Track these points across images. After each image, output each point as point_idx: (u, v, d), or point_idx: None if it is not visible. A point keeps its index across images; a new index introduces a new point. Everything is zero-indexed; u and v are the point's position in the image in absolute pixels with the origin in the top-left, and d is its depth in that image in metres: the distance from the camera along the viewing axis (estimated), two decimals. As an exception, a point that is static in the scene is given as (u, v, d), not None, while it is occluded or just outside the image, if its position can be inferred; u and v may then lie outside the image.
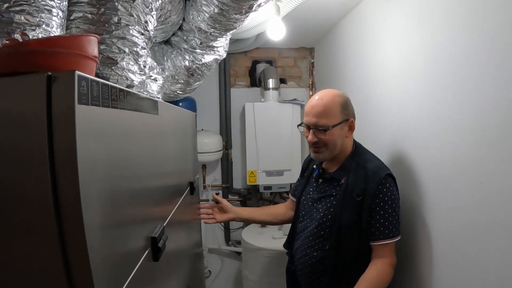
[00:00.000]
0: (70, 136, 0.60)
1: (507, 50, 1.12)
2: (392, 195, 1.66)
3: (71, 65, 0.70)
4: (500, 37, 1.15)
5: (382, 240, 1.65)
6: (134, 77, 1.31)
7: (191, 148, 2.15)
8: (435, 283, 1.58)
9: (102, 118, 0.71)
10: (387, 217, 1.64)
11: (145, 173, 1.04)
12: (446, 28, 1.45)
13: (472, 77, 1.29)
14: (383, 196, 1.65)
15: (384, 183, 1.66)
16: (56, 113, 0.60)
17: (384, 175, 1.67)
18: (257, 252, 3.06)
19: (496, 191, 1.18)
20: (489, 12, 1.19)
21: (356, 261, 1.70)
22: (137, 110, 0.95)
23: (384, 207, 1.65)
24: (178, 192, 1.59)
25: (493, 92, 1.18)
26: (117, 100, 0.77)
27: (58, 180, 0.61)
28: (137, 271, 0.88)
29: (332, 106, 1.72)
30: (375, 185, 1.65)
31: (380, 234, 1.65)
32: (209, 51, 2.19)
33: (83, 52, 0.74)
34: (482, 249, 1.25)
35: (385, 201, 1.65)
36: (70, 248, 0.63)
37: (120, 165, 0.82)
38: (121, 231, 0.81)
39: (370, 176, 1.68)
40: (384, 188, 1.65)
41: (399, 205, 1.69)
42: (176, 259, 1.46)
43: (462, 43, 1.34)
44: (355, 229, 1.68)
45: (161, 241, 1.07)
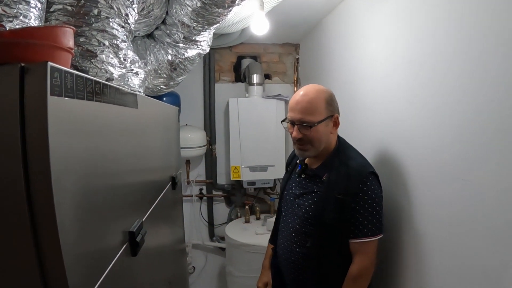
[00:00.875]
0: (42, 128, 0.59)
1: (491, 49, 1.12)
2: (373, 193, 1.64)
3: (45, 57, 0.69)
4: (484, 36, 1.15)
5: (362, 238, 1.64)
6: (114, 70, 1.29)
7: (174, 143, 2.14)
8: (422, 278, 1.59)
9: (77, 110, 0.70)
10: (367, 215, 1.63)
11: (123, 168, 1.03)
12: (431, 25, 1.45)
13: (456, 75, 1.29)
14: (364, 195, 1.63)
15: (365, 181, 1.64)
16: (28, 104, 0.59)
17: (366, 174, 1.66)
18: (240, 248, 3.06)
19: (478, 187, 1.19)
20: (473, 10, 1.20)
21: (339, 258, 1.70)
22: (115, 103, 0.94)
23: (365, 205, 1.63)
24: (159, 187, 1.58)
25: (475, 90, 1.19)
26: (92, 93, 0.76)
27: (30, 173, 0.60)
28: (113, 266, 0.87)
29: (318, 102, 1.68)
30: (356, 184, 1.64)
31: (359, 232, 1.64)
32: (192, 46, 2.17)
33: (58, 44, 0.73)
34: (466, 244, 1.26)
35: (365, 200, 1.63)
36: (43, 243, 0.62)
37: (96, 159, 0.81)
38: (97, 226, 0.80)
39: (352, 175, 1.66)
40: (365, 187, 1.64)
41: (381, 203, 1.68)
42: (157, 255, 1.45)
43: (447, 41, 1.35)
44: (336, 227, 1.67)
45: (139, 236, 1.06)
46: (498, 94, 1.09)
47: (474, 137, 1.20)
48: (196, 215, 3.92)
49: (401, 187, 1.73)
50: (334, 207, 1.66)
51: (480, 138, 1.17)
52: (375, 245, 1.67)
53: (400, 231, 1.75)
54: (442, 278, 1.41)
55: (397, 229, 1.78)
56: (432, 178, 1.47)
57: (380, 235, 1.66)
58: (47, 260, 0.62)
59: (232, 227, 3.45)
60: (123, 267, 0.97)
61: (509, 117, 1.05)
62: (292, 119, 1.72)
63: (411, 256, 1.65)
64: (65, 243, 0.63)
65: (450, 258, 1.35)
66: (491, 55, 1.12)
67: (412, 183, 1.63)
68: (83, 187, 0.73)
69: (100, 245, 0.83)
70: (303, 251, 1.76)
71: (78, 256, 0.69)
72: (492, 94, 1.11)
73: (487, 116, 1.14)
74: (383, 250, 1.88)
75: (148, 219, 1.27)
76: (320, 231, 1.70)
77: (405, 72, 1.67)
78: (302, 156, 1.81)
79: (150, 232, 1.26)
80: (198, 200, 3.91)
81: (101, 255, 0.83)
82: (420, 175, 1.56)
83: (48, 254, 0.62)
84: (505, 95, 1.06)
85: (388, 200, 1.81)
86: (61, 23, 1.22)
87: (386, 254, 1.86)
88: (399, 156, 1.75)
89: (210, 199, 3.93)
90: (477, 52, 1.18)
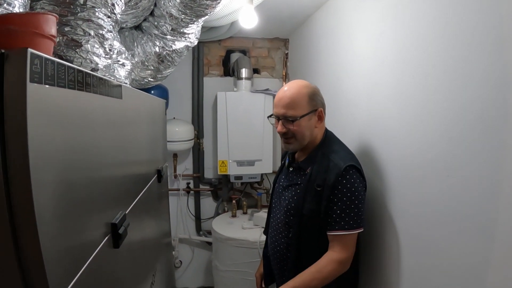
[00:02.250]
0: (21, 115, 0.58)
1: (477, 47, 1.13)
2: (352, 187, 1.64)
3: (26, 43, 0.68)
4: (470, 34, 1.16)
5: (337, 231, 1.65)
6: (99, 60, 1.27)
7: (160, 135, 2.12)
8: (401, 272, 1.60)
9: (58, 98, 0.69)
10: (344, 208, 1.63)
11: (106, 159, 1.02)
12: (417, 23, 1.45)
13: (442, 72, 1.29)
14: (342, 188, 1.64)
15: (344, 174, 1.64)
16: (7, 91, 0.58)
17: (345, 167, 1.65)
18: (226, 242, 3.06)
19: (462, 183, 1.19)
20: (458, 8, 1.20)
21: (318, 251, 1.71)
22: (98, 93, 0.93)
23: (343, 198, 1.64)
24: (144, 179, 1.57)
25: (462, 87, 1.19)
26: (74, 81, 0.75)
27: (8, 162, 0.59)
28: (95, 258, 0.87)
29: (299, 97, 1.72)
30: (334, 176, 1.65)
31: (336, 225, 1.65)
32: (180, 38, 2.16)
33: (39, 30, 0.72)
34: (447, 239, 1.27)
35: (343, 192, 1.64)
36: (21, 234, 0.61)
37: (78, 150, 0.80)
38: (77, 217, 0.80)
39: (331, 167, 1.68)
40: (344, 180, 1.64)
41: (361, 197, 1.67)
42: (140, 248, 1.44)
43: (433, 38, 1.35)
44: (315, 218, 1.69)
45: (122, 228, 1.05)
46: (484, 91, 1.09)
47: (461, 135, 1.20)
48: (183, 209, 3.90)
49: (384, 185, 1.73)
50: (312, 199, 1.69)
51: (466, 136, 1.17)
52: (352, 239, 1.67)
53: (382, 229, 1.76)
54: (425, 276, 1.41)
55: (379, 228, 1.79)
56: (416, 175, 1.47)
57: (359, 229, 1.66)
58: (25, 252, 0.62)
59: (219, 221, 3.44)
60: (105, 258, 0.96)
61: (496, 114, 1.05)
62: (276, 114, 1.77)
63: (393, 255, 1.66)
64: (44, 234, 0.62)
65: (434, 257, 1.35)
66: (477, 53, 1.12)
67: (396, 181, 1.64)
68: (64, 178, 0.72)
69: (81, 237, 0.82)
70: (287, 242, 1.80)
71: (57, 247, 0.68)
72: (479, 91, 1.11)
73: (473, 113, 1.14)
74: (365, 248, 1.90)
75: (132, 211, 1.26)
76: (300, 222, 1.73)
77: (391, 69, 1.67)
78: (288, 149, 1.86)
79: (134, 224, 1.25)
80: (185, 194, 3.89)
81: (82, 246, 0.82)
82: (405, 172, 1.57)
83: (26, 245, 0.61)
84: (492, 92, 1.06)
85: (370, 194, 1.82)
86: (44, 11, 1.20)
87: (368, 253, 1.88)
88: (383, 153, 1.76)
89: (197, 193, 3.92)
90: (463, 49, 1.18)
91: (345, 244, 1.66)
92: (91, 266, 0.84)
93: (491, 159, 1.07)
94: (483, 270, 1.10)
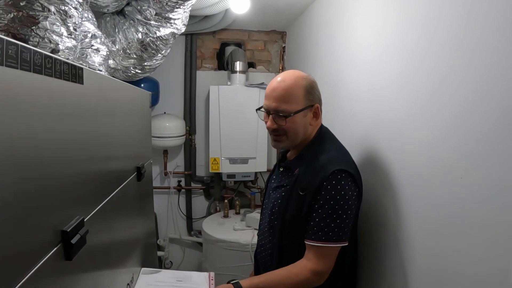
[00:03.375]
0: None
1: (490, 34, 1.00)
2: (338, 194, 1.46)
3: None
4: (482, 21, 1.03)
5: (313, 241, 1.47)
6: (59, 39, 1.11)
7: (142, 129, 1.96)
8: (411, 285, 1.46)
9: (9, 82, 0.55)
10: (325, 217, 1.45)
11: (60, 154, 0.85)
12: (425, 7, 1.32)
13: (451, 62, 1.15)
14: (326, 194, 1.46)
15: (330, 179, 1.46)
16: None
17: (333, 171, 1.47)
18: (217, 244, 2.92)
19: (478, 186, 1.06)
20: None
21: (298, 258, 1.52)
22: (45, 74, 0.76)
23: (324, 206, 1.46)
24: (118, 178, 1.40)
25: (473, 78, 1.06)
26: (17, 59, 0.59)
27: None
28: (37, 272, 0.70)
29: (295, 90, 1.53)
30: (319, 180, 1.47)
31: (313, 234, 1.47)
32: (165, 24, 1.99)
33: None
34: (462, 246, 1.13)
35: (326, 199, 1.45)
36: None
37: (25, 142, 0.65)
38: (17, 224, 0.64)
39: (317, 170, 1.50)
40: (329, 185, 1.46)
41: (347, 207, 1.48)
42: (110, 255, 1.28)
43: (440, 25, 1.21)
44: (297, 225, 1.52)
45: (76, 236, 0.89)
46: (501, 79, 0.96)
47: (473, 129, 1.07)
48: (174, 208, 3.80)
49: (389, 187, 1.58)
50: (295, 204, 1.53)
51: (479, 130, 1.04)
52: (330, 252, 1.48)
53: (387, 231, 1.60)
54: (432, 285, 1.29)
55: (382, 235, 1.64)
56: (426, 175, 1.32)
57: (340, 242, 1.47)
58: None
59: (210, 221, 3.31)
60: (52, 272, 0.80)
61: None
62: (267, 107, 1.57)
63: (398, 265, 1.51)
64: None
65: (450, 268, 1.20)
66: (492, 39, 0.99)
67: (403, 181, 1.48)
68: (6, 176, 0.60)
69: (20, 247, 0.66)
70: (271, 247, 1.65)
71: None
72: (495, 80, 0.98)
73: (489, 105, 1.00)
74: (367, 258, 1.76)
75: (98, 215, 1.09)
76: (282, 228, 1.57)
77: (395, 58, 1.53)
78: (277, 147, 1.72)
79: (100, 230, 1.10)
80: (176, 192, 3.77)
81: (21, 258, 0.66)
82: (410, 171, 1.42)
83: None
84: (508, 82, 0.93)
85: (372, 199, 1.69)
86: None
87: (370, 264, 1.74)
88: (387, 150, 1.61)
89: (188, 192, 3.81)
90: (476, 35, 1.05)
91: (321, 256, 1.47)
92: (33, 279, 0.68)
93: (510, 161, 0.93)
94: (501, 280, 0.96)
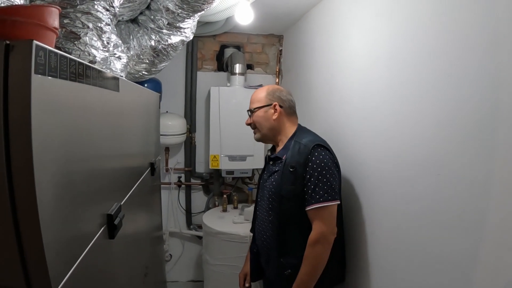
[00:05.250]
0: (25, 106, 0.59)
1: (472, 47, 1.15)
2: (322, 162, 1.80)
3: (30, 35, 0.69)
4: (466, 34, 1.18)
5: (315, 204, 1.76)
6: (96, 53, 1.28)
7: (153, 129, 2.13)
8: (391, 270, 1.63)
9: (59, 90, 0.70)
10: (317, 183, 1.77)
11: (102, 150, 1.03)
12: (413, 21, 1.47)
13: (437, 72, 1.31)
14: (312, 164, 1.79)
15: (313, 152, 1.81)
16: (12, 82, 0.59)
17: (313, 146, 1.83)
18: (217, 236, 3.07)
19: (452, 182, 1.22)
20: (455, 7, 1.22)
21: (300, 231, 1.83)
22: (97, 85, 0.94)
23: (314, 174, 1.78)
24: (138, 172, 1.58)
25: (455, 87, 1.21)
26: (75, 73, 0.76)
27: (12, 152, 0.60)
28: (91, 248, 0.88)
29: (259, 93, 2.06)
30: (305, 156, 1.81)
31: (312, 199, 1.77)
32: (176, 32, 2.16)
33: (43, 23, 0.73)
34: (437, 237, 1.29)
35: (314, 168, 1.79)
36: (22, 223, 0.62)
37: (76, 141, 0.81)
38: (75, 207, 0.81)
39: (301, 149, 1.85)
40: (313, 157, 1.80)
41: (332, 171, 1.81)
42: (134, 240, 1.45)
43: (429, 37, 1.37)
44: (293, 198, 1.83)
45: (117, 219, 1.06)
46: (478, 90, 1.11)
47: (453, 134, 1.22)
48: (174, 203, 3.90)
49: (376, 183, 1.76)
50: (288, 180, 1.84)
51: (459, 135, 1.19)
52: (330, 211, 1.79)
53: (372, 226, 1.79)
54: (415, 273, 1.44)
55: (369, 224, 1.82)
56: (408, 173, 1.48)
57: (335, 201, 1.79)
58: (27, 242, 0.63)
59: (210, 215, 3.45)
60: (101, 249, 0.97)
61: (488, 114, 1.07)
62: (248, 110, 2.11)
63: (382, 253, 1.69)
64: (45, 225, 0.63)
65: (424, 255, 1.37)
66: (471, 53, 1.14)
67: (388, 179, 1.65)
68: (63, 169, 0.73)
69: (79, 228, 0.83)
70: (271, 227, 1.92)
71: (57, 238, 0.69)
72: (472, 90, 1.13)
73: (466, 113, 1.16)
74: (354, 246, 1.95)
75: (126, 204, 1.27)
76: (280, 204, 1.86)
77: (385, 67, 1.69)
78: (256, 139, 2.13)
79: (128, 217, 1.26)
80: (176, 188, 3.89)
81: (79, 237, 0.84)
82: (397, 170, 1.58)
83: (28, 235, 0.62)
84: (485, 92, 1.08)
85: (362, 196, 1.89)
86: (46, 3, 1.20)
87: (356, 251, 1.93)
88: (376, 151, 1.78)
89: (188, 187, 3.92)
90: (458, 49, 1.20)
91: (323, 218, 1.77)
92: (88, 256, 0.85)
93: (482, 158, 1.09)
94: (471, 268, 1.12)
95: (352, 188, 2.00)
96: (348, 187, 2.03)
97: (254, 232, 2.17)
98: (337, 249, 1.87)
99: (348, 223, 2.00)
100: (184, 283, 4.05)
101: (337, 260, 1.93)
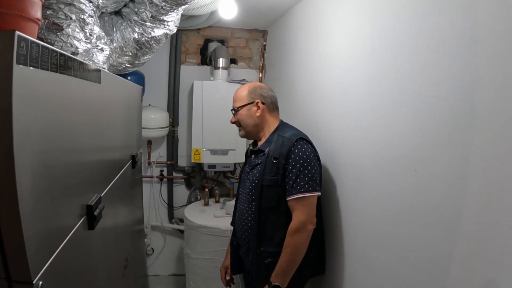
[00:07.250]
0: (6, 96, 0.59)
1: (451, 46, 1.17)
2: (304, 155, 1.87)
3: (12, 26, 0.69)
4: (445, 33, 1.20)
5: (294, 195, 1.83)
6: (79, 44, 1.28)
7: (135, 121, 2.13)
8: (368, 265, 1.67)
9: (41, 81, 0.71)
10: (298, 174, 1.84)
11: (82, 142, 1.03)
12: (393, 20, 1.49)
13: (415, 70, 1.33)
14: (295, 156, 1.86)
15: (296, 145, 1.89)
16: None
17: (296, 139, 1.90)
18: (198, 230, 3.08)
19: (429, 179, 1.25)
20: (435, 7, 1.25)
21: (278, 219, 1.90)
22: (79, 77, 0.94)
23: (296, 165, 1.85)
24: (119, 164, 1.58)
25: (434, 86, 1.24)
26: (57, 64, 0.76)
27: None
28: (71, 238, 0.88)
29: (240, 92, 2.13)
30: (288, 148, 1.89)
31: (293, 190, 1.84)
32: (159, 25, 2.15)
33: (25, 14, 0.73)
34: (414, 233, 1.32)
35: (296, 160, 1.86)
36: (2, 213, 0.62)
37: (57, 132, 0.81)
38: (55, 198, 0.81)
39: (284, 142, 1.92)
40: (296, 149, 1.88)
41: (313, 164, 1.88)
42: (114, 232, 1.45)
43: (408, 36, 1.39)
44: (274, 186, 1.90)
45: (97, 210, 1.07)
46: (454, 91, 1.14)
47: (430, 132, 1.24)
48: (156, 196, 3.90)
49: (355, 179, 1.79)
50: (271, 170, 1.91)
51: (435, 133, 1.22)
52: (311, 201, 1.86)
53: (351, 222, 1.82)
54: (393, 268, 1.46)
55: (348, 220, 1.85)
56: (387, 170, 1.51)
57: (316, 192, 1.86)
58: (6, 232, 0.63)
59: (191, 209, 3.46)
60: (81, 239, 0.98)
61: (464, 113, 1.10)
62: (232, 109, 2.16)
63: (360, 247, 1.72)
64: (25, 214, 0.64)
65: (401, 250, 1.40)
66: (449, 54, 1.17)
67: (367, 175, 1.68)
68: (44, 159, 0.74)
69: (58, 218, 0.83)
70: (250, 215, 1.98)
71: (36, 228, 0.70)
72: (449, 90, 1.16)
73: (443, 112, 1.18)
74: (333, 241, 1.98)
75: (106, 196, 1.27)
76: (261, 193, 1.92)
77: (365, 65, 1.71)
78: (241, 136, 2.19)
79: (108, 209, 1.26)
80: (158, 181, 3.89)
81: (59, 227, 0.84)
82: (376, 167, 1.61)
83: (8, 224, 0.63)
84: (461, 92, 1.11)
85: (341, 192, 1.93)
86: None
87: (334, 246, 1.95)
88: (356, 148, 1.80)
89: (170, 181, 3.93)
90: (437, 50, 1.22)
91: (304, 208, 1.83)
92: (67, 246, 0.86)
93: (458, 156, 1.12)
94: (447, 263, 1.15)
95: (331, 182, 2.03)
96: (328, 181, 2.06)
97: (235, 225, 2.20)
98: (316, 241, 1.93)
99: (327, 216, 2.05)
100: (165, 277, 4.06)
101: (316, 252, 1.98)
